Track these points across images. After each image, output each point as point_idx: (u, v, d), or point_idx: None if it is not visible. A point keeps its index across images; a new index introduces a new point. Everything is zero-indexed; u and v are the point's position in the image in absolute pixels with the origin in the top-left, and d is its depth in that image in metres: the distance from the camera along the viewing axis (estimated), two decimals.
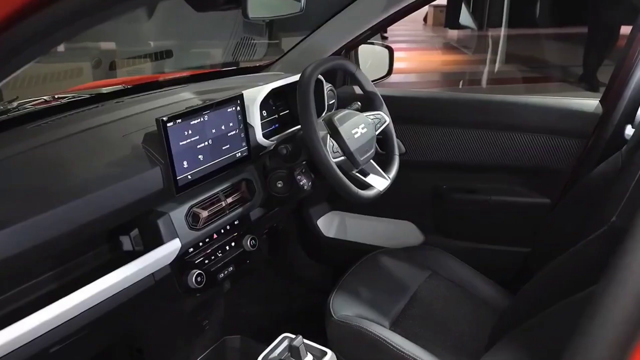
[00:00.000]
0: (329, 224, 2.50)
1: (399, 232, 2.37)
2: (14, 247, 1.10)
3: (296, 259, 2.59)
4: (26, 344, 1.18)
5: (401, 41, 12.44)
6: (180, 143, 1.42)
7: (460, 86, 7.46)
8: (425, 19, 15.19)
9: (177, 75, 2.11)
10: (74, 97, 1.71)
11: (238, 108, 1.61)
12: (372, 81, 2.36)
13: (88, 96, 1.73)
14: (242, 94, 1.63)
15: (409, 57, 10.59)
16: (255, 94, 1.72)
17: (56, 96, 1.70)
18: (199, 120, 1.47)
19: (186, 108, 1.45)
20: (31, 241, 1.13)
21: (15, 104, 1.60)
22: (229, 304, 2.17)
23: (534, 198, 2.10)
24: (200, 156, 1.49)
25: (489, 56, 9.02)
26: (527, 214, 2.12)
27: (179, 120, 1.41)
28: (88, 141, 1.43)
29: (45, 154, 1.34)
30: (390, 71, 2.41)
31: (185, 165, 1.44)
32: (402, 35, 13.10)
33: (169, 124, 1.38)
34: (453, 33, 12.61)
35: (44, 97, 1.66)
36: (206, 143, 1.51)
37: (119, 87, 1.88)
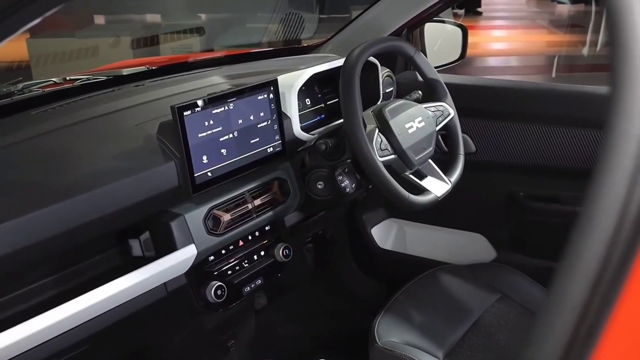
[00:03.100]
0: (385, 234, 2.49)
1: (466, 245, 2.34)
2: (5, 247, 1.14)
3: (346, 272, 2.59)
4: (15, 357, 1.22)
5: (499, 17, 12.28)
6: (200, 135, 1.44)
7: (554, 74, 7.29)
8: None
9: (209, 55, 2.14)
10: (88, 79, 1.75)
11: (271, 95, 1.62)
12: (442, 66, 2.34)
13: (104, 78, 1.78)
14: (277, 79, 1.64)
15: (508, 37, 10.45)
16: (293, 80, 1.73)
17: (67, 78, 1.75)
18: (222, 108, 1.49)
19: (208, 94, 1.47)
20: (25, 240, 1.17)
21: (20, 86, 1.65)
22: (262, 322, 2.19)
23: None
24: (223, 150, 1.51)
25: (589, 37, 8.76)
26: None
27: (198, 109, 1.43)
28: (96, 130, 1.47)
29: (46, 143, 1.38)
30: (463, 54, 2.38)
31: (205, 161, 1.46)
32: (501, 11, 12.93)
33: (185, 113, 1.40)
34: (562, 8, 12.32)
35: (54, 79, 1.71)
36: (231, 135, 1.52)
37: (142, 68, 1.92)
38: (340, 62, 1.88)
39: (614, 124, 0.65)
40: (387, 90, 2.09)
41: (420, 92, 1.89)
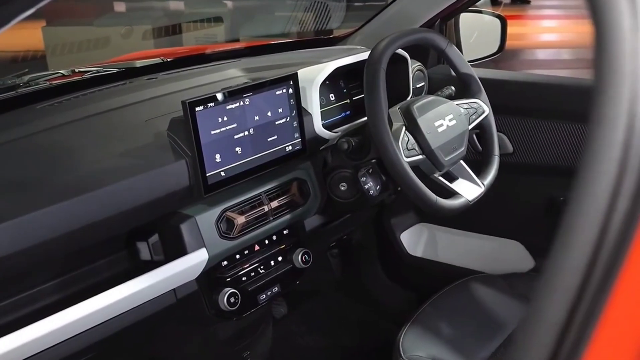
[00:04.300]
0: (415, 239, 2.47)
1: (502, 253, 2.31)
2: (5, 248, 1.15)
3: (372, 280, 2.58)
4: None
5: (549, 6, 12.15)
6: (213, 132, 1.44)
7: None
8: None
9: (228, 47, 2.15)
10: (97, 71, 1.77)
11: (290, 90, 1.62)
12: (479, 60, 2.32)
13: (115, 71, 1.79)
14: (296, 74, 1.63)
15: (558, 28, 10.36)
16: (315, 74, 1.72)
17: (76, 70, 1.76)
18: (237, 104, 1.50)
19: (222, 89, 1.48)
20: (26, 241, 1.18)
21: (25, 78, 1.67)
22: (281, 332, 2.18)
23: None
24: (237, 149, 1.51)
25: None
26: None
27: (212, 104, 1.43)
28: (103, 126, 1.47)
29: (50, 139, 1.39)
30: (502, 47, 2.36)
31: (218, 160, 1.46)
32: None
33: (197, 108, 1.40)
34: None
35: (61, 71, 1.72)
36: (246, 133, 1.52)
37: (155, 60, 1.93)
38: (367, 54, 1.88)
39: (596, 127, 0.65)
40: (418, 86, 2.07)
41: (453, 87, 1.87)
